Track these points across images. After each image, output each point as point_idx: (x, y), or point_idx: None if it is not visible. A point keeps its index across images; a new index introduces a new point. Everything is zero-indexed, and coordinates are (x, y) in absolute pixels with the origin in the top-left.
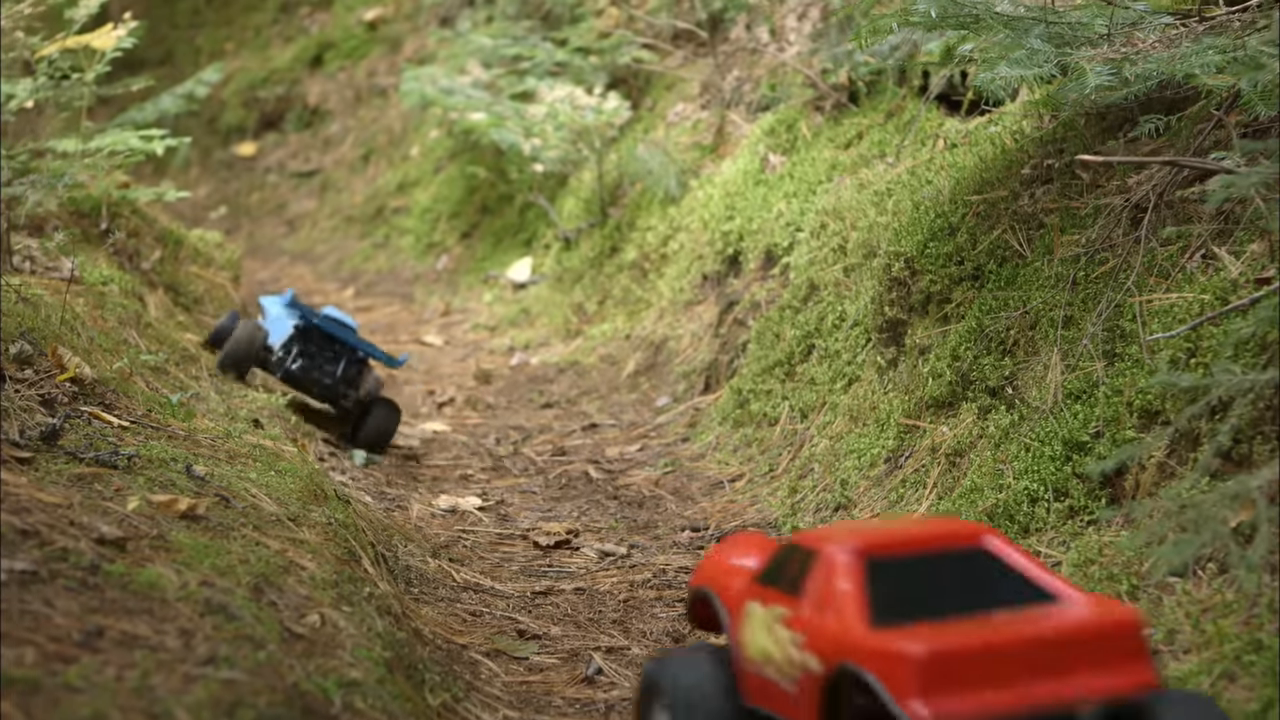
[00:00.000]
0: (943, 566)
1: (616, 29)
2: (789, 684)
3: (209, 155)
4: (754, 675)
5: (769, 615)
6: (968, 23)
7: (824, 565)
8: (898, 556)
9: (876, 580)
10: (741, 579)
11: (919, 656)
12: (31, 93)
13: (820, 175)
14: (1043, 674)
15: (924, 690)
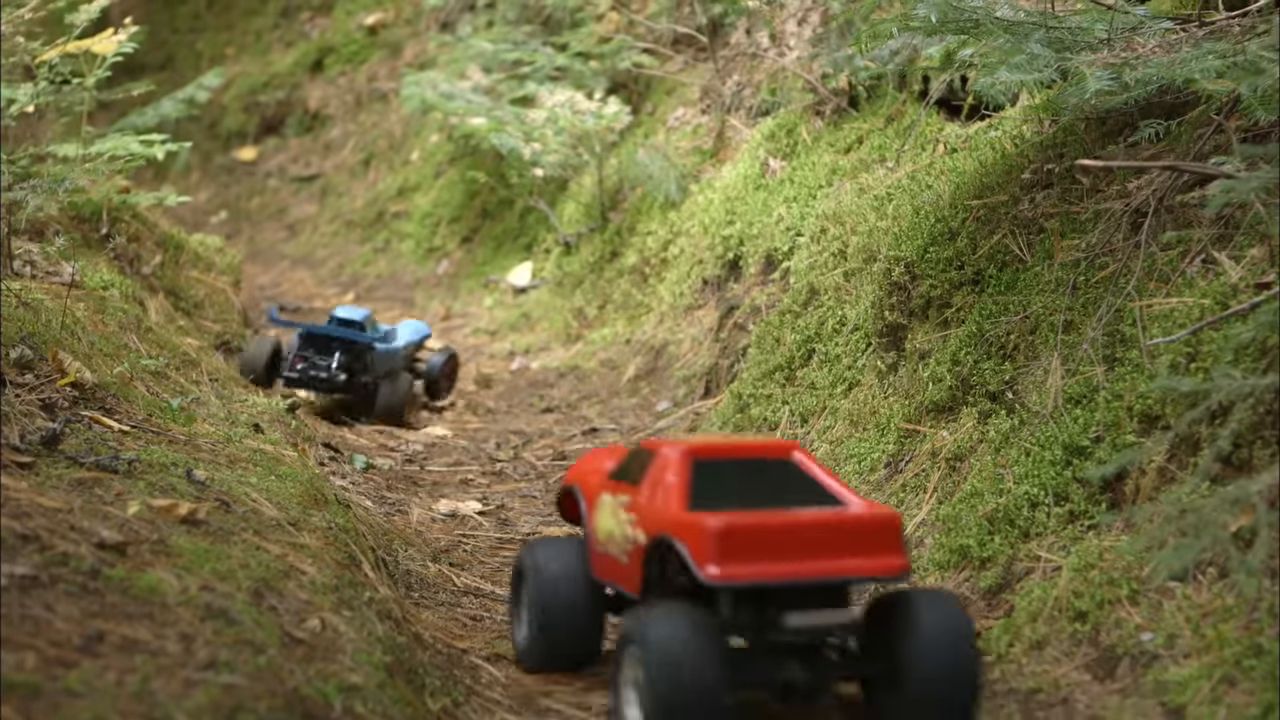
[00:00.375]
0: (754, 470)
1: (617, 34)
2: (623, 556)
3: (209, 160)
4: (600, 553)
5: (615, 502)
6: (968, 28)
7: (659, 462)
8: (718, 459)
9: (698, 476)
10: (599, 476)
11: (715, 528)
12: (32, 97)
13: (820, 180)
14: (814, 553)
15: (717, 556)
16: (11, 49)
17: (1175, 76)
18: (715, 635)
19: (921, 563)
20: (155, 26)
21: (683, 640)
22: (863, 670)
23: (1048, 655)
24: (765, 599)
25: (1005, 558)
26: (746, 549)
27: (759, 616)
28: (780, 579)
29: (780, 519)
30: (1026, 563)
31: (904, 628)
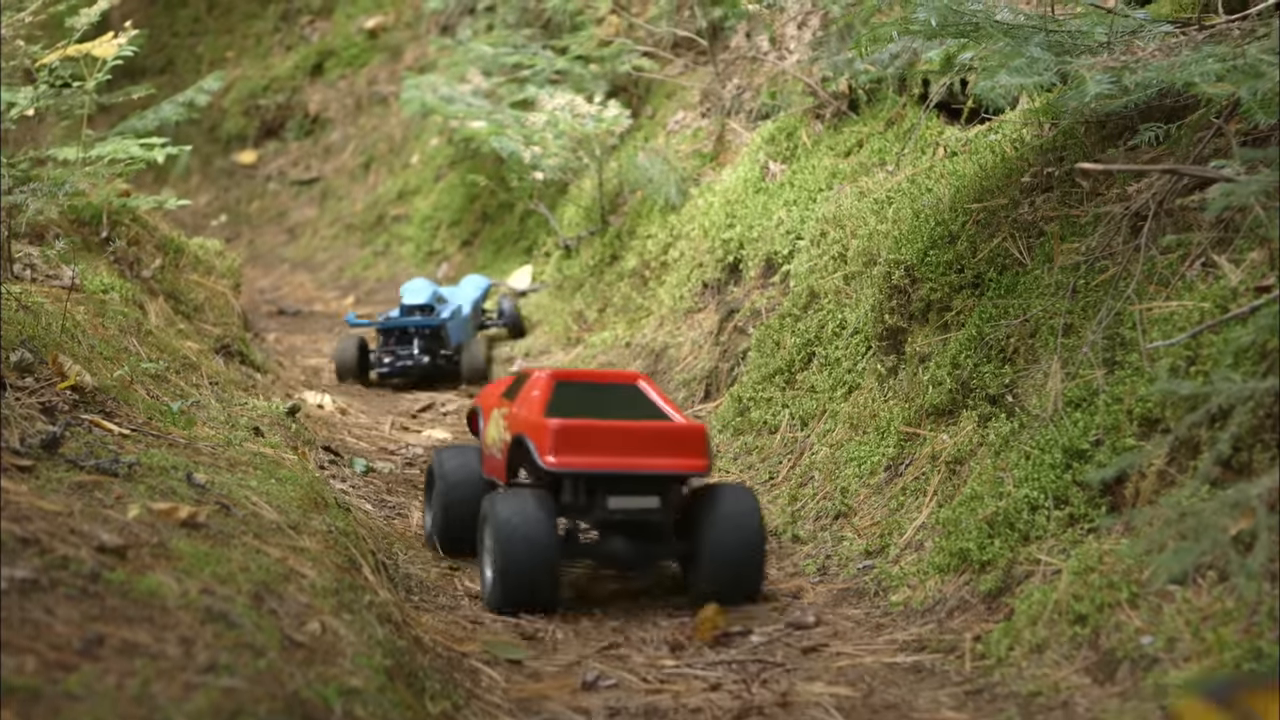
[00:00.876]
0: (603, 391)
1: (617, 37)
2: (497, 454)
3: (210, 163)
4: (488, 455)
5: (499, 414)
6: (968, 31)
7: (530, 382)
8: (575, 382)
9: (557, 393)
10: (494, 398)
11: (553, 427)
12: (33, 101)
13: (820, 183)
14: (634, 452)
15: (553, 449)
16: (12, 52)
17: (1175, 80)
18: (550, 511)
19: (921, 566)
20: (155, 30)
21: (523, 513)
22: (677, 548)
23: (1047, 658)
24: (593, 486)
25: (1005, 561)
26: (578, 445)
27: (589, 500)
28: (602, 469)
29: (607, 424)
30: (1026, 566)
31: (705, 512)
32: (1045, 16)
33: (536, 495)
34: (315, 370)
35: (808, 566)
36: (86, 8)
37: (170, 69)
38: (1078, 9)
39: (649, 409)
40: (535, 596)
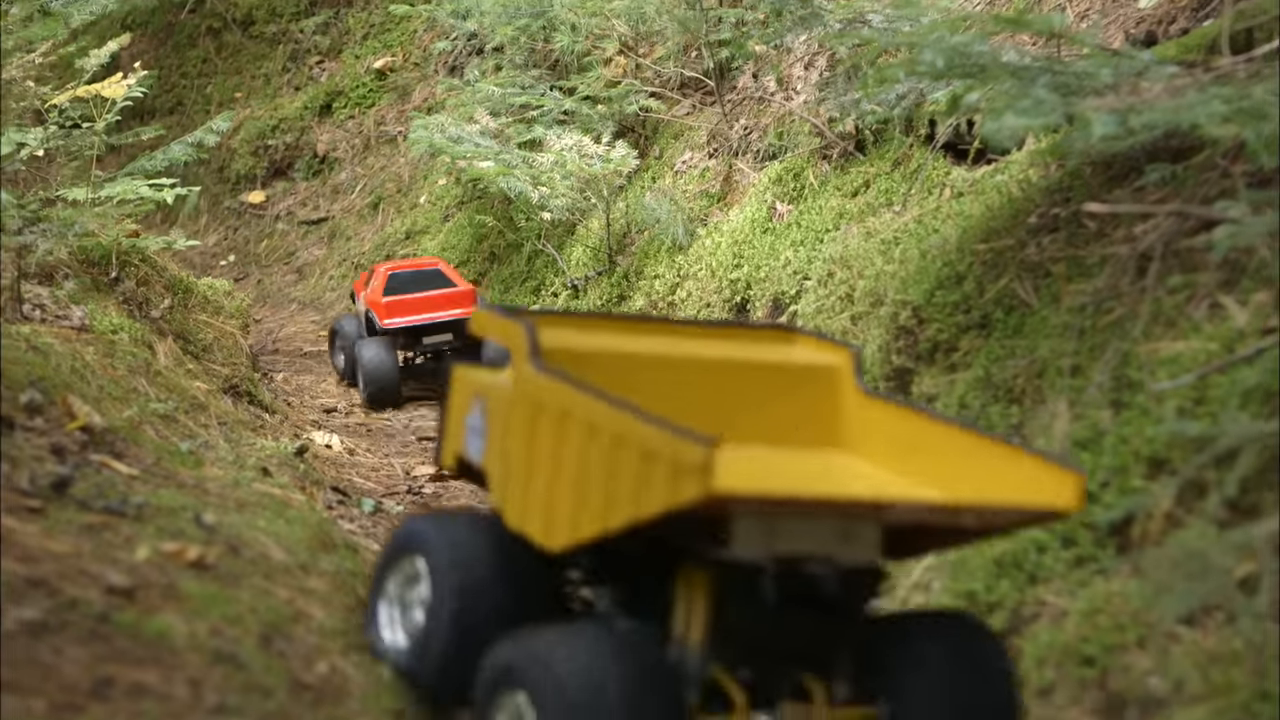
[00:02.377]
0: (419, 275)
1: (624, 78)
2: (363, 319)
3: (218, 203)
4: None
5: (363, 298)
6: (974, 72)
7: (377, 274)
8: (402, 270)
9: (391, 280)
10: (361, 284)
11: (384, 302)
12: (42, 142)
13: (827, 224)
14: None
15: (385, 315)
16: (22, 93)
17: (1181, 121)
18: (392, 348)
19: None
20: (164, 71)
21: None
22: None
23: (1055, 700)
24: (414, 333)
25: (1013, 602)
26: (401, 310)
27: (412, 341)
28: (416, 322)
29: (419, 295)
30: (1034, 607)
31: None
32: (1051, 58)
33: (384, 340)
34: (325, 409)
35: None
36: (96, 49)
37: (179, 109)
38: (1084, 50)
39: (447, 283)
40: (386, 400)
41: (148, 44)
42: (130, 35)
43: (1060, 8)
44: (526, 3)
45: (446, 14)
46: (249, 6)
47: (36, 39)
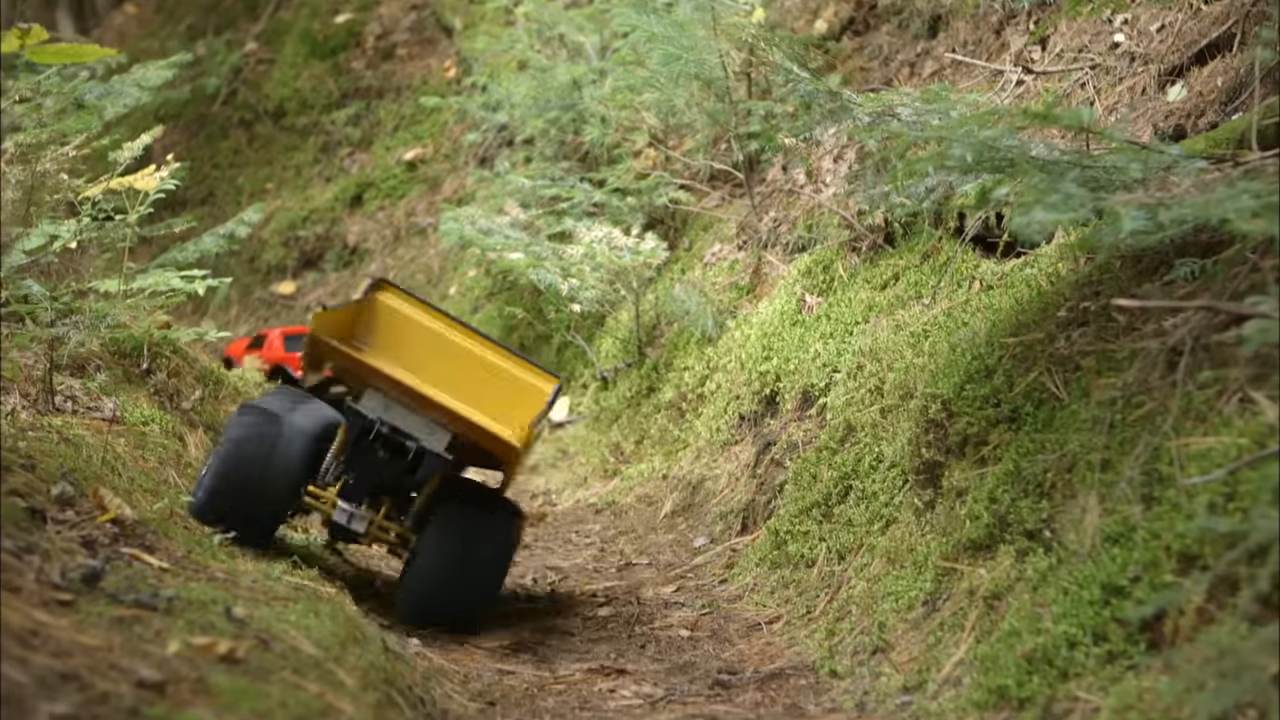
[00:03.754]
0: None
1: (654, 170)
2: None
3: (249, 293)
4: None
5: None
6: (1003, 166)
7: (270, 336)
8: (292, 334)
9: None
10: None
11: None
12: (75, 234)
13: (857, 316)
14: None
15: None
16: (56, 186)
17: (1210, 216)
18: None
19: (960, 703)
20: (197, 162)
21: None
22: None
23: None
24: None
25: (1044, 698)
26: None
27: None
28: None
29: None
30: (1065, 703)
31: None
32: (1080, 152)
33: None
34: None
35: (845, 702)
36: (130, 142)
37: (211, 200)
38: (1112, 144)
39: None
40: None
41: (180, 135)
42: (163, 127)
43: (1089, 101)
44: (557, 95)
45: (477, 106)
46: (280, 99)
47: (71, 132)
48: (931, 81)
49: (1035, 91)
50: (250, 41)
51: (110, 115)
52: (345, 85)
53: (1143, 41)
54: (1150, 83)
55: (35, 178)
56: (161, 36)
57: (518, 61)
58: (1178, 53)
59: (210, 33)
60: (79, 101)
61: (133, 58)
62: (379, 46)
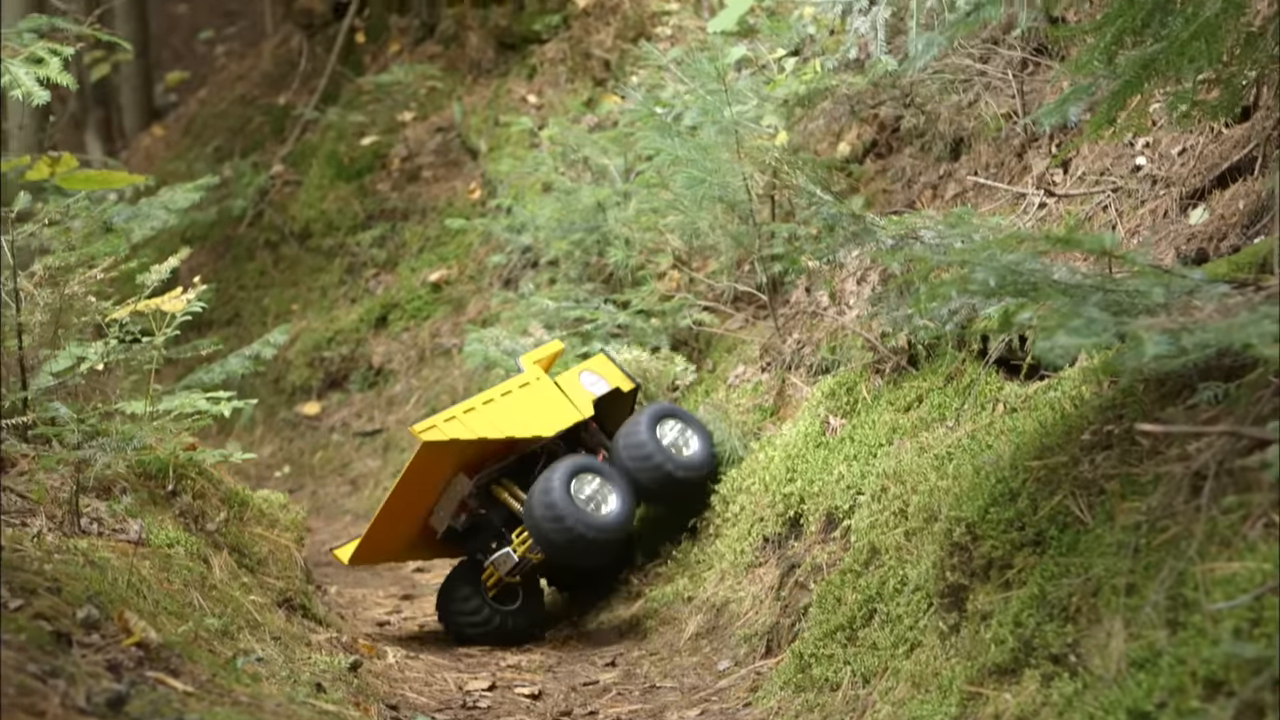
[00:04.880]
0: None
1: (678, 292)
2: None
3: (274, 414)
4: None
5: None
6: (1026, 290)
7: None
8: None
9: None
10: None
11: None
12: (102, 356)
13: (881, 438)
14: None
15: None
16: (83, 308)
17: (1233, 341)
18: None
19: None
20: (223, 283)
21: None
22: None
23: None
24: None
25: None
26: None
27: None
28: None
29: None
30: None
31: None
32: (1103, 275)
33: None
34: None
35: None
36: (157, 264)
37: (237, 320)
38: (1135, 268)
39: None
40: None
41: (206, 256)
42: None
43: (1111, 224)
44: (581, 217)
45: (502, 228)
46: (306, 220)
47: (99, 255)
48: (954, 204)
49: (1058, 214)
50: (277, 164)
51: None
52: (371, 207)
53: (1164, 165)
54: (1172, 205)
55: (63, 300)
56: (189, 159)
57: (542, 184)
58: (1199, 176)
59: (237, 155)
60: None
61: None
62: (405, 169)
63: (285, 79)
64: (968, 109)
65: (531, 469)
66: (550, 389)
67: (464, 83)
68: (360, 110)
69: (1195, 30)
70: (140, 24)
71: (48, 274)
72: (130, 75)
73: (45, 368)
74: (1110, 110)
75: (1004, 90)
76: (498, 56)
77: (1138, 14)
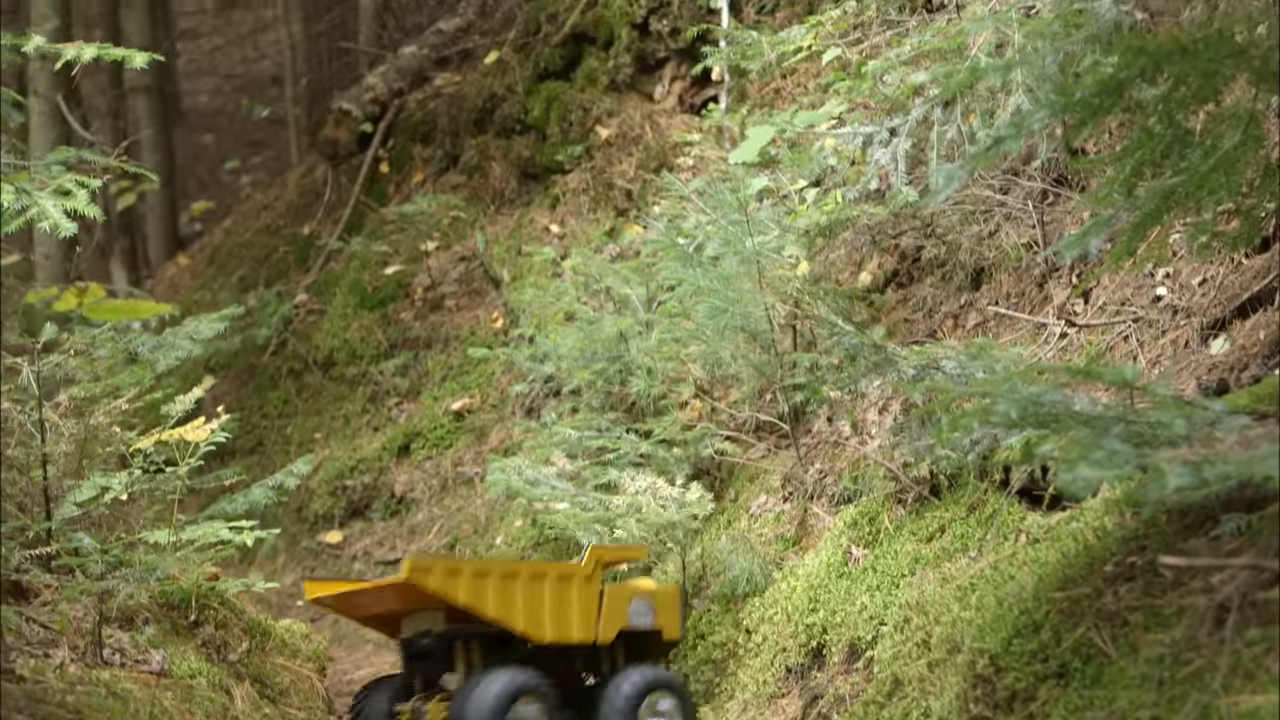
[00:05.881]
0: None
1: (700, 421)
2: None
3: (296, 543)
4: None
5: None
6: (1047, 421)
7: None
8: None
9: None
10: None
11: None
12: (126, 486)
13: (903, 569)
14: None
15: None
16: (108, 439)
17: (1254, 474)
18: None
19: None
20: (246, 411)
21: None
22: None
23: None
24: None
25: None
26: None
27: None
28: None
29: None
30: None
31: None
32: (1124, 406)
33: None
34: None
35: None
36: (182, 394)
37: (260, 449)
38: (1156, 399)
39: None
40: None
41: (230, 385)
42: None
43: (1132, 354)
44: (603, 347)
45: (524, 357)
46: (330, 349)
47: (124, 385)
48: (975, 333)
49: (1079, 344)
50: (301, 293)
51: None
52: (394, 336)
53: (1185, 295)
54: (1193, 336)
55: (88, 431)
56: (214, 288)
57: (565, 313)
58: (1220, 306)
59: (262, 284)
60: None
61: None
62: (428, 298)
63: (310, 209)
64: (988, 239)
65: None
66: (587, 597)
67: (487, 212)
68: (384, 239)
69: (1215, 163)
70: (166, 154)
71: (73, 404)
72: (156, 204)
73: (69, 498)
74: (1131, 241)
75: (1024, 220)
76: (520, 186)
77: (1157, 146)
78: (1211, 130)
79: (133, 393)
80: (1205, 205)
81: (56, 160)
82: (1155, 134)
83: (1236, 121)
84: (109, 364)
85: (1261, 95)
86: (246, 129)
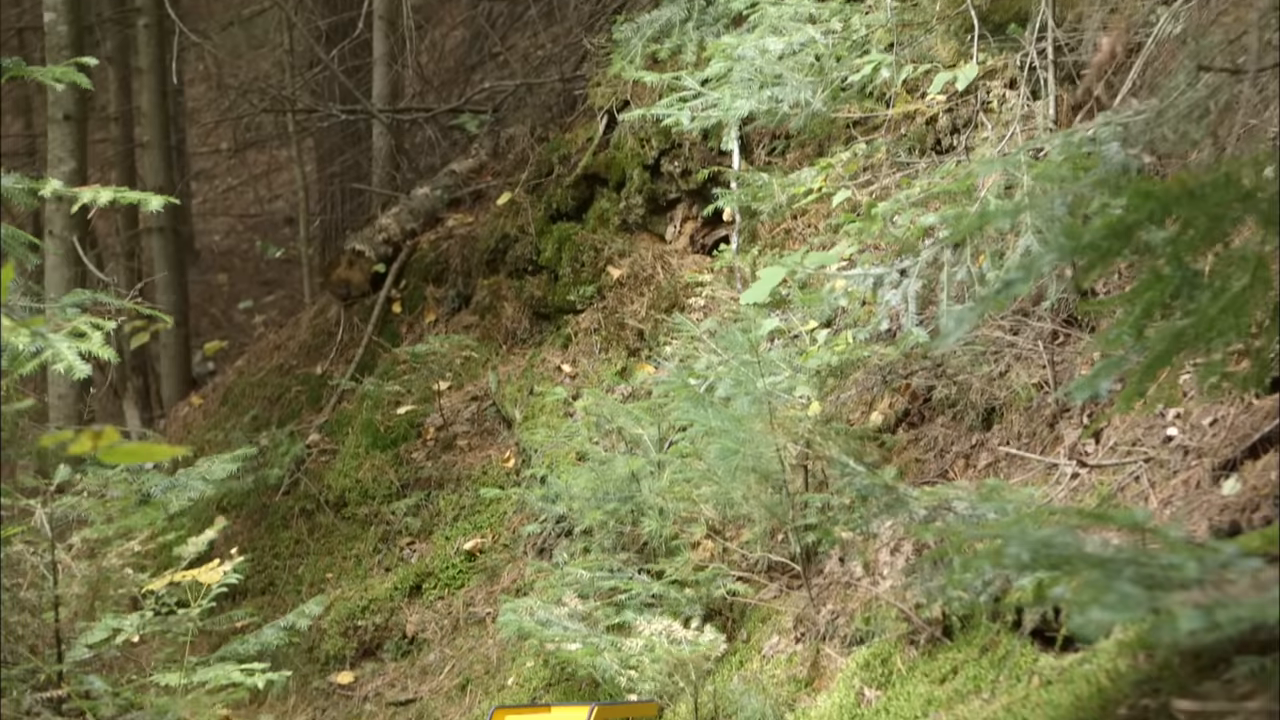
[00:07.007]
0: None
1: (712, 562)
2: None
3: (307, 683)
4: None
5: None
6: (1059, 563)
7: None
8: None
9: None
10: None
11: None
12: (138, 628)
13: (916, 710)
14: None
15: None
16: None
17: (1267, 617)
18: None
19: None
20: (258, 551)
21: None
22: None
23: None
24: None
25: None
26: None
27: None
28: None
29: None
30: None
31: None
32: (1136, 549)
33: None
34: None
35: None
36: (194, 536)
37: (271, 589)
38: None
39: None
40: None
41: (242, 525)
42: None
43: (1144, 495)
44: (615, 487)
45: (536, 498)
46: (342, 489)
47: (137, 527)
48: (987, 474)
49: (1090, 484)
50: (313, 432)
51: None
52: (406, 475)
53: (1196, 435)
54: (1204, 476)
55: (100, 573)
56: (226, 428)
57: (577, 453)
58: (1231, 446)
59: (274, 424)
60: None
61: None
62: (440, 437)
63: (323, 348)
64: (999, 379)
65: None
66: None
67: (499, 352)
68: (396, 379)
69: (1224, 305)
70: (180, 294)
71: (86, 546)
72: (169, 344)
73: (81, 639)
74: (1141, 383)
75: (1035, 360)
76: (533, 326)
77: (1166, 288)
78: (1220, 272)
79: (145, 534)
80: (1215, 346)
81: (72, 303)
82: (1164, 276)
83: (1245, 264)
84: (122, 505)
85: (1269, 238)
86: (260, 269)
